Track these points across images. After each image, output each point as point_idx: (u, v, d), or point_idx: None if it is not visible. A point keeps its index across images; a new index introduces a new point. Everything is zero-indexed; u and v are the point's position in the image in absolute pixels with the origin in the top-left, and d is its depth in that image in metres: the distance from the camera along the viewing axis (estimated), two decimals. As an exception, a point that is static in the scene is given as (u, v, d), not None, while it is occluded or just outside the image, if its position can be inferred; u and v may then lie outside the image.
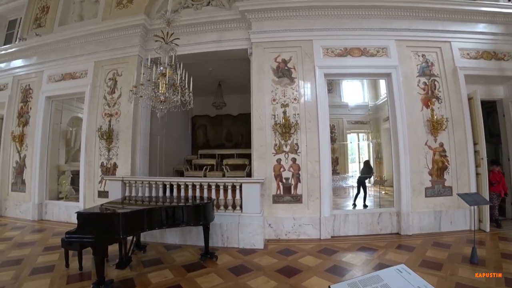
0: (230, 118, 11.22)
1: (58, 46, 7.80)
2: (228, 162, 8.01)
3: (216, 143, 11.07)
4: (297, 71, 6.42)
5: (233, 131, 11.09)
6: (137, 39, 7.09)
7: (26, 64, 8.42)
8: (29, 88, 8.26)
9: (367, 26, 6.51)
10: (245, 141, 10.64)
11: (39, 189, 7.69)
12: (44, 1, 8.68)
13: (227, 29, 6.88)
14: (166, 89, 5.06)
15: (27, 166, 7.93)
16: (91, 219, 3.94)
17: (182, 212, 4.63)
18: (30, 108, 8.13)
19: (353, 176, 8.99)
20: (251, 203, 5.61)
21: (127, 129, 6.89)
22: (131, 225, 4.00)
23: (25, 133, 8.06)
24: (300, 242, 5.75)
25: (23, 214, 7.76)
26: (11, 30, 9.60)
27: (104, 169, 6.99)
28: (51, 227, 6.91)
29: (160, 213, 4.43)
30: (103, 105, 7.17)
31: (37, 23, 8.60)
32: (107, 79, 7.26)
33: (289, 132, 6.14)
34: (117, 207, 4.57)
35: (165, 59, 5.23)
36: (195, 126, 11.28)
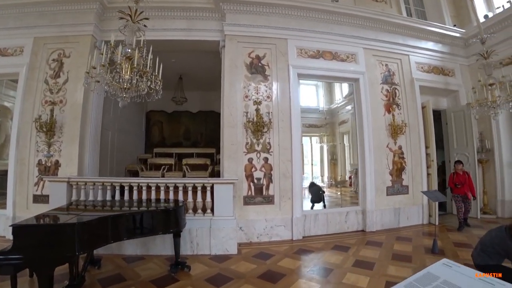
0: (189, 115, 9.94)
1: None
2: (188, 162, 6.96)
3: (172, 141, 9.66)
4: (271, 68, 5.73)
5: (192, 129, 9.84)
6: (91, 16, 5.61)
7: None
8: None
9: (338, 31, 6.16)
10: (205, 140, 9.63)
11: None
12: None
13: (198, 17, 5.86)
14: (132, 74, 3.99)
15: None
16: (35, 233, 2.70)
17: (151, 218, 3.62)
18: None
19: (306, 178, 8.76)
20: (224, 206, 4.76)
21: (74, 120, 5.37)
22: (91, 238, 2.89)
23: None
24: (273, 244, 5.11)
25: None
26: None
27: (43, 168, 5.34)
28: None
29: (128, 221, 3.35)
30: (43, 91, 5.50)
31: None
32: (51, 60, 5.60)
33: (262, 131, 5.42)
34: (67, 215, 3.37)
35: (131, 40, 4.17)
36: (150, 122, 9.73)
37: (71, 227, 2.76)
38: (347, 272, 3.88)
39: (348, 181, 8.00)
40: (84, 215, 3.33)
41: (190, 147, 8.83)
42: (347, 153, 8.52)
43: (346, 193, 7.63)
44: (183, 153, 8.09)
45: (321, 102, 8.85)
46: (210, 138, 9.37)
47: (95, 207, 4.05)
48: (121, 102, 4.06)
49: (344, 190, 7.78)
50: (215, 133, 9.37)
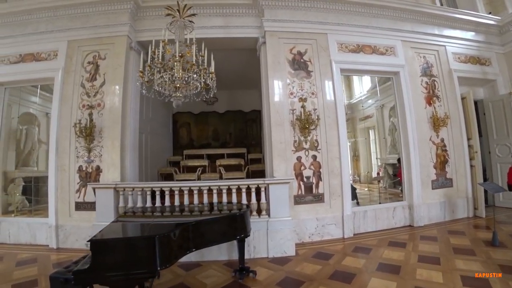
0: (216, 116, 9.17)
1: (15, 19, 5.20)
2: (222, 163, 6.38)
3: (201, 142, 8.92)
4: (313, 64, 5.14)
5: (220, 129, 9.09)
6: (126, 16, 5.00)
7: None
8: (-30, 72, 5.47)
9: (376, 24, 5.54)
10: (234, 140, 8.92)
11: (-13, 203, 5.11)
12: (-8, -37, 5.96)
13: (235, 14, 5.26)
14: (184, 72, 3.42)
15: (-31, 173, 5.27)
16: (115, 247, 2.21)
17: (224, 224, 3.08)
18: (-28, 98, 5.38)
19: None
20: (280, 206, 4.19)
21: (114, 124, 4.77)
22: (174, 249, 2.40)
23: (-36, 130, 5.32)
24: (325, 243, 4.58)
25: None
26: None
27: (84, 174, 4.75)
28: (11, 253, 4.49)
29: (206, 227, 2.84)
30: (80, 95, 4.91)
31: None
32: (86, 62, 5.00)
33: (309, 128, 4.83)
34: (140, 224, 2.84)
35: (180, 36, 3.61)
36: (177, 124, 8.95)
37: (165, 238, 2.24)
38: (417, 268, 3.41)
39: (377, 176, 7.45)
40: (157, 222, 2.79)
41: (219, 148, 8.21)
42: (373, 148, 7.98)
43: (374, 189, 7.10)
44: (213, 154, 7.50)
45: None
46: (239, 138, 8.82)
47: (152, 213, 3.50)
48: (175, 102, 3.48)
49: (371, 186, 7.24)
50: (243, 133, 8.87)
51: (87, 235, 4.61)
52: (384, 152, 7.53)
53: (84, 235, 4.60)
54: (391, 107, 6.70)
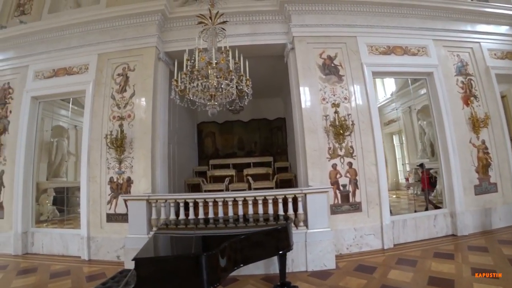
0: (241, 125, 8.87)
1: (50, 35, 5.26)
2: (249, 172, 6.11)
3: (226, 152, 8.63)
4: (344, 68, 4.85)
5: (245, 138, 8.78)
6: (154, 28, 4.91)
7: (4, 58, 5.62)
8: (8, 87, 5.48)
9: (406, 25, 5.20)
10: (260, 149, 8.58)
11: (23, 214, 5.00)
12: (29, -15, 6.06)
13: (262, 21, 5.07)
14: (218, 79, 3.22)
15: (6, 185, 5.17)
16: (166, 265, 2.02)
17: (269, 238, 2.81)
18: (10, 112, 5.37)
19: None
20: (319, 217, 3.86)
21: (144, 135, 4.63)
22: (225, 264, 2.20)
23: (3, 142, 5.28)
24: (365, 255, 4.19)
25: (1, 247, 4.99)
26: None
27: (115, 185, 4.61)
28: (44, 264, 4.37)
29: (252, 241, 2.60)
30: (110, 106, 4.82)
31: (20, 10, 5.87)
32: (116, 74, 4.93)
33: (343, 134, 4.51)
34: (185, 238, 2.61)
35: (213, 44, 3.43)
36: (202, 133, 8.76)
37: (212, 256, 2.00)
38: (473, 282, 2.99)
39: (406, 183, 6.96)
40: (200, 235, 2.56)
41: (244, 157, 7.94)
42: (399, 154, 7.52)
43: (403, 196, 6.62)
44: (239, 163, 7.26)
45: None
46: (265, 147, 8.49)
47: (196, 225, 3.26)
48: (210, 110, 3.28)
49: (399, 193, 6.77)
50: (269, 141, 8.55)
51: (118, 247, 4.46)
52: (413, 157, 7.07)
53: (115, 247, 4.46)
54: (419, 109, 6.31)
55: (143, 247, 2.37)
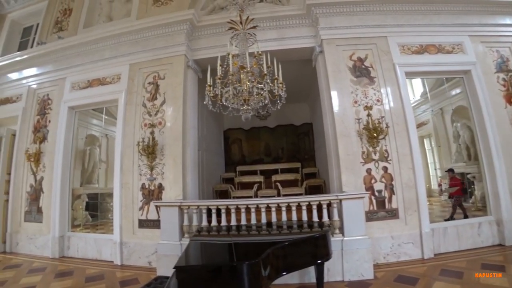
0: (267, 131, 8.73)
1: (85, 48, 5.48)
2: (278, 179, 5.97)
3: (253, 158, 8.54)
4: (375, 69, 4.63)
5: (271, 144, 8.58)
6: (182, 37, 4.96)
7: (44, 72, 5.92)
8: (47, 99, 5.75)
9: (438, 22, 4.91)
10: (287, 155, 8.34)
11: (60, 219, 5.14)
12: (66, 3, 6.33)
13: (289, 26, 4.98)
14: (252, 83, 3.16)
15: (45, 191, 5.37)
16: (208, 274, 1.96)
17: (306, 246, 2.66)
18: (49, 121, 5.61)
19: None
20: (355, 224, 3.66)
21: (175, 141, 4.63)
22: (268, 273, 2.09)
23: (43, 150, 5.50)
24: (403, 265, 3.89)
25: (40, 250, 5.16)
26: (26, 38, 7.04)
27: (146, 192, 4.61)
28: (80, 267, 4.45)
29: (295, 249, 2.46)
30: (142, 114, 4.89)
31: (58, 27, 6.20)
32: (146, 83, 5.00)
33: (377, 138, 4.28)
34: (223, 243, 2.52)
35: (244, 49, 3.39)
36: (229, 140, 8.69)
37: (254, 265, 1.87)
38: None
39: (438, 188, 6.52)
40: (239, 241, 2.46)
41: (271, 163, 7.79)
42: (430, 158, 7.08)
43: (435, 202, 6.17)
44: (266, 169, 7.15)
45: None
46: (292, 152, 8.28)
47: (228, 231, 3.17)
48: (244, 115, 3.21)
49: (431, 200, 6.32)
50: (295, 147, 8.34)
51: (150, 253, 4.44)
52: (447, 161, 6.62)
53: (147, 253, 4.45)
54: (454, 110, 5.92)
55: (182, 255, 2.29)
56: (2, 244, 5.51)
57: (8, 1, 7.14)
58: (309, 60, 5.40)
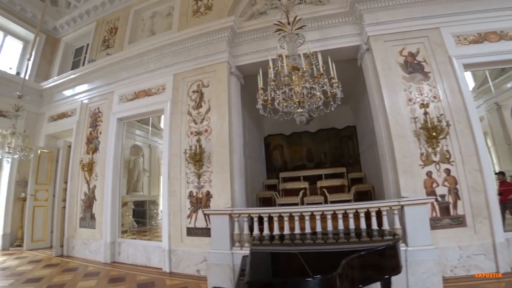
0: (308, 136, 8.39)
1: (130, 62, 5.75)
2: (323, 185, 5.73)
3: (295, 164, 8.25)
4: (429, 64, 4.26)
5: (313, 149, 8.26)
6: (224, 44, 4.99)
7: (95, 87, 6.32)
8: (98, 112, 6.09)
9: (498, 5, 4.36)
10: (330, 159, 7.99)
11: (111, 225, 5.34)
12: (112, 23, 6.78)
13: (331, 25, 4.80)
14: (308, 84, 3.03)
15: (97, 198, 5.62)
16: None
17: (375, 257, 2.38)
18: (100, 133, 5.92)
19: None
20: (420, 232, 3.33)
21: (222, 148, 4.59)
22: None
23: (95, 160, 5.80)
24: (473, 280, 3.45)
25: (93, 254, 5.40)
26: (78, 57, 7.65)
27: (194, 199, 4.60)
28: (130, 273, 4.54)
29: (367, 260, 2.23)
30: (187, 122, 4.93)
31: (106, 45, 6.64)
32: (191, 92, 5.07)
33: (437, 137, 3.89)
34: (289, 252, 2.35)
35: (293, 50, 3.28)
36: (270, 146, 8.54)
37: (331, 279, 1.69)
38: None
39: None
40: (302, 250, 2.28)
41: (314, 169, 7.53)
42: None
43: None
44: (309, 175, 6.90)
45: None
46: (335, 157, 7.92)
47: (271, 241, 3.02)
48: (299, 118, 3.07)
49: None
50: (339, 151, 7.96)
51: (198, 261, 4.39)
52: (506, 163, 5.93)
53: (196, 261, 4.41)
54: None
55: (251, 267, 2.16)
56: (60, 247, 5.84)
57: (62, 26, 7.81)
58: (352, 60, 5.15)
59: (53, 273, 4.56)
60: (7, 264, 5.14)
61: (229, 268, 3.75)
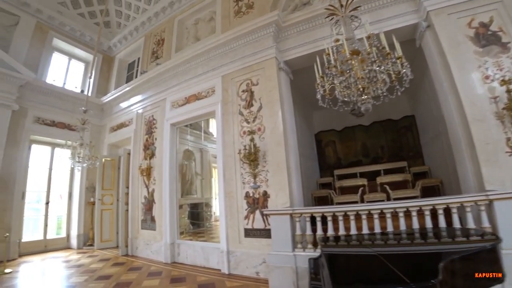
0: (362, 129, 7.83)
1: (179, 69, 5.98)
2: (384, 180, 5.29)
3: (349, 160, 7.73)
4: (507, 33, 3.62)
5: (368, 143, 7.66)
6: (270, 40, 4.89)
7: (148, 96, 6.72)
8: (152, 119, 6.45)
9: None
10: (388, 154, 7.34)
11: (170, 227, 5.56)
12: (158, 35, 7.17)
13: (382, 6, 4.37)
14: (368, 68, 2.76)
15: (156, 201, 5.92)
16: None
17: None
18: (155, 139, 6.25)
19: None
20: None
21: (277, 146, 4.46)
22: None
23: (152, 165, 6.14)
24: None
25: (155, 254, 5.69)
26: (131, 72, 8.32)
27: (251, 200, 4.54)
28: (190, 274, 4.66)
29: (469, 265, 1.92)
30: (240, 122, 4.92)
31: (155, 56, 7.04)
32: (240, 91, 5.05)
33: (528, 118, 3.36)
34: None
35: (349, 34, 3.01)
36: (321, 143, 8.10)
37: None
38: None
39: None
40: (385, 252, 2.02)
41: (371, 164, 7.06)
42: None
43: None
44: (366, 172, 6.49)
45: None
46: (393, 151, 7.27)
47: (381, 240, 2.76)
48: (364, 106, 2.81)
49: None
50: (397, 144, 7.28)
51: (258, 263, 4.28)
52: None
53: (254, 263, 4.32)
54: None
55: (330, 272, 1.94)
56: (125, 247, 6.28)
57: (115, 45, 8.52)
58: (407, 42, 4.66)
59: (120, 272, 4.89)
60: (82, 262, 5.69)
61: (292, 270, 3.60)
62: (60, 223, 7.52)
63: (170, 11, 7.00)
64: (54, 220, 7.37)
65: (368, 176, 5.99)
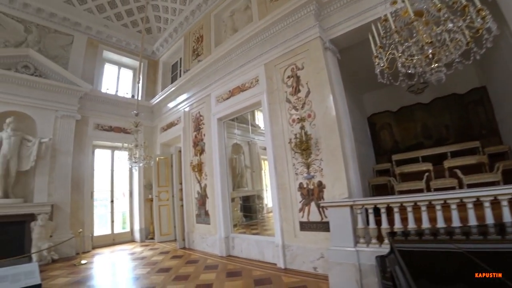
0: (421, 108, 6.91)
1: (220, 63, 5.90)
2: (453, 164, 4.50)
3: (408, 144, 6.94)
4: None
5: (430, 123, 6.75)
6: (311, 19, 4.45)
7: (193, 93, 6.82)
8: (199, 116, 6.53)
9: None
10: (454, 134, 6.33)
11: (224, 221, 5.57)
12: (197, 33, 7.21)
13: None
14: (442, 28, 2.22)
15: (209, 196, 5.99)
16: None
17: None
18: (204, 135, 6.31)
19: None
20: None
21: (330, 133, 4.08)
22: None
23: (203, 161, 6.23)
24: None
25: (210, 248, 5.78)
26: (174, 72, 8.64)
27: (305, 191, 4.24)
28: (246, 268, 4.58)
29: None
30: (288, 110, 4.62)
31: (196, 54, 7.11)
32: (285, 78, 4.74)
33: None
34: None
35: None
36: (375, 127, 7.47)
37: None
38: None
39: None
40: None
41: (434, 147, 6.12)
42: None
43: None
44: (430, 155, 5.70)
45: None
46: (460, 129, 6.28)
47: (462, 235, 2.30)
48: (434, 76, 2.30)
49: None
50: (464, 122, 6.23)
51: (315, 258, 3.99)
52: None
53: (312, 258, 4.03)
54: None
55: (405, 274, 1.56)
56: (182, 241, 6.54)
57: (158, 49, 8.88)
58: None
59: (179, 264, 5.05)
60: (144, 254, 6.07)
61: (354, 268, 3.22)
62: (124, 218, 8.22)
63: (205, 7, 6.96)
64: (119, 216, 8.08)
65: (432, 160, 5.21)
